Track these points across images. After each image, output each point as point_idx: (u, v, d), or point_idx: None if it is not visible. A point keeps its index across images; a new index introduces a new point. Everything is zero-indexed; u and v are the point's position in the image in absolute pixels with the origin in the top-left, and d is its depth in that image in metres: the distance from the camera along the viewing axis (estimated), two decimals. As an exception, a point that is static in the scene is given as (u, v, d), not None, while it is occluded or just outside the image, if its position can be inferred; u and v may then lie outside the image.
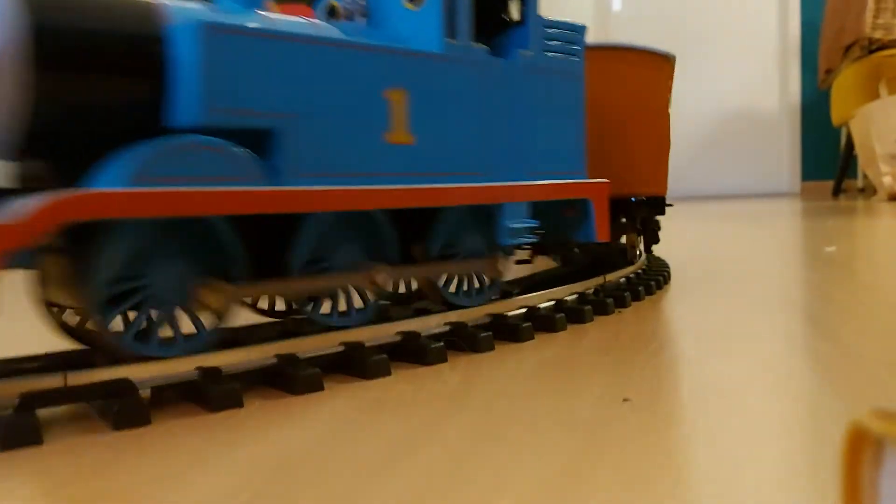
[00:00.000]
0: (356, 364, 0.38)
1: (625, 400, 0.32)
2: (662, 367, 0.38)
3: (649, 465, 0.25)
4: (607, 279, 0.60)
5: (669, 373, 0.37)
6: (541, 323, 0.48)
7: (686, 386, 0.35)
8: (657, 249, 1.02)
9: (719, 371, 0.37)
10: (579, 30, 0.51)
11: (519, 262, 0.61)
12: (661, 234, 0.73)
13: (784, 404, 0.31)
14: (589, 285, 0.57)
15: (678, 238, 1.22)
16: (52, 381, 0.31)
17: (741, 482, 0.23)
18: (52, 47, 0.31)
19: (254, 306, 0.45)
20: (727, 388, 0.34)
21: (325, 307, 0.40)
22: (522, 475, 0.24)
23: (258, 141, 0.36)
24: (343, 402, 0.34)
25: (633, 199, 0.65)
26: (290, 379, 0.35)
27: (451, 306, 0.45)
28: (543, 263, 0.88)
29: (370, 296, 0.41)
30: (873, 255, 0.87)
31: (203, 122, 0.34)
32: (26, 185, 0.34)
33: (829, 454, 0.25)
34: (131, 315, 0.34)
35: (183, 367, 0.34)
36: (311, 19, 0.42)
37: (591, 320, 0.50)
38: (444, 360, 0.40)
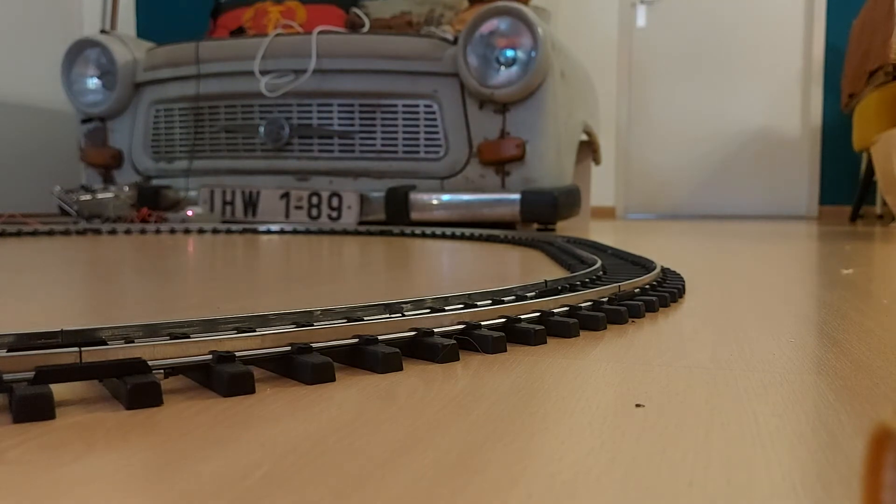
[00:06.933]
0: (369, 357, 0.38)
1: (637, 406, 0.32)
2: (676, 376, 0.38)
3: (662, 465, 0.25)
4: (622, 288, 0.59)
5: (683, 382, 0.37)
6: (554, 328, 0.48)
7: (700, 395, 0.34)
8: (672, 263, 1.02)
9: (734, 382, 0.37)
10: None
11: None
12: (676, 249, 0.73)
13: (798, 416, 0.31)
14: (604, 293, 0.57)
15: (694, 254, 1.22)
16: (67, 358, 0.31)
17: (755, 486, 0.23)
18: None
19: None
20: (742, 399, 0.33)
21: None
22: (533, 471, 0.24)
23: None
24: (354, 393, 0.34)
25: None
26: (302, 368, 0.35)
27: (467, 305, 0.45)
28: (556, 271, 0.88)
29: None
30: (891, 279, 0.86)
31: None
32: None
33: (842, 467, 0.25)
34: None
35: (197, 350, 0.34)
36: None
37: (605, 328, 0.50)
38: (457, 358, 0.40)
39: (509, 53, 1.99)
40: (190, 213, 2.10)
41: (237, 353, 0.35)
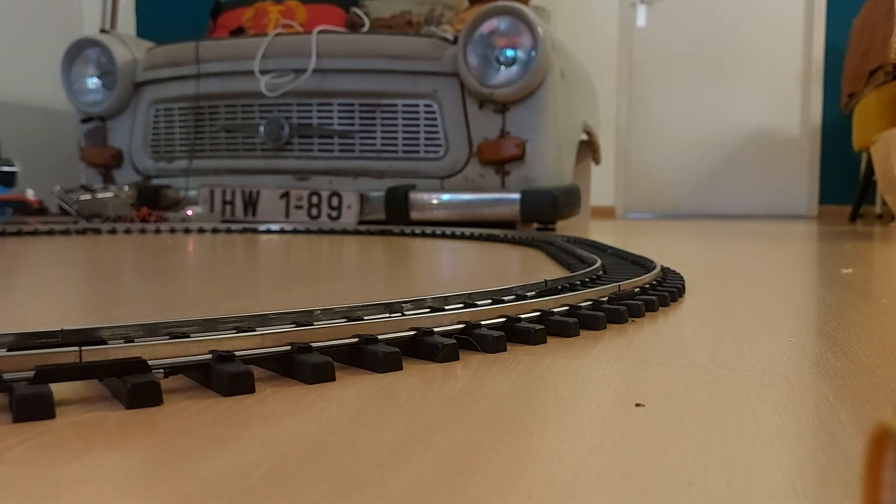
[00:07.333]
0: (369, 357, 0.38)
1: (637, 405, 0.32)
2: (676, 376, 0.38)
3: (662, 464, 0.25)
4: (622, 287, 0.59)
5: (683, 381, 0.37)
6: (554, 327, 0.48)
7: (700, 395, 0.34)
8: (672, 263, 1.02)
9: (734, 382, 0.37)
10: None
11: None
12: (676, 249, 0.73)
13: (798, 416, 0.31)
14: (603, 293, 0.57)
15: (693, 253, 1.22)
16: (67, 357, 0.31)
17: (755, 485, 0.23)
18: None
19: None
20: (742, 399, 0.33)
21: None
22: (533, 471, 0.24)
23: None
24: (354, 393, 0.34)
25: None
26: (302, 367, 0.35)
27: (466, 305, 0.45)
28: (555, 270, 0.88)
29: None
30: (890, 279, 0.86)
31: None
32: None
33: (842, 466, 0.25)
34: None
35: (197, 349, 0.34)
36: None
37: (605, 327, 0.50)
38: (457, 358, 0.40)
39: (509, 53, 1.99)
40: (190, 212, 2.10)
41: (237, 353, 0.35)
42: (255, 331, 0.36)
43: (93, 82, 2.41)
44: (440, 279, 0.82)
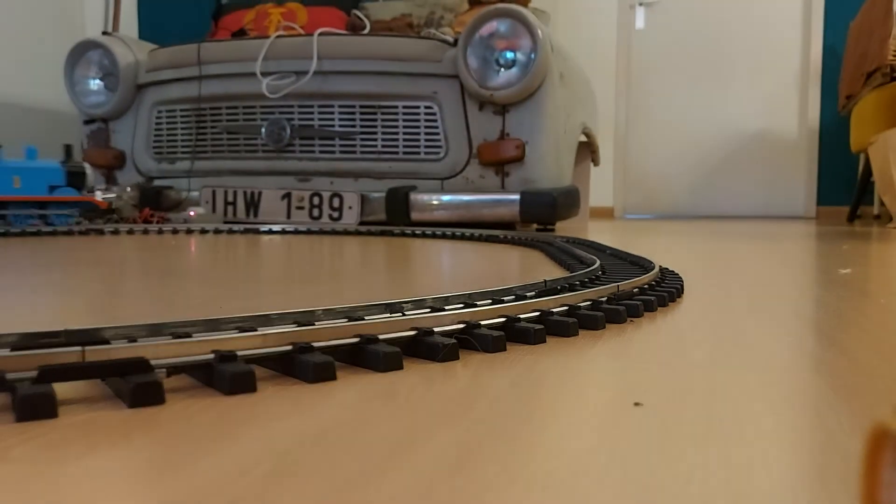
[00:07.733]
0: (370, 356, 0.38)
1: (636, 404, 0.32)
2: (674, 375, 0.38)
3: (660, 463, 0.25)
4: (621, 288, 0.60)
5: (681, 381, 0.37)
6: (553, 327, 0.48)
7: (698, 394, 0.34)
8: (670, 263, 1.02)
9: (732, 381, 0.37)
10: None
11: None
12: (675, 249, 0.73)
13: (796, 414, 0.31)
14: (602, 293, 0.57)
15: (692, 254, 1.22)
16: (69, 357, 0.32)
17: (753, 485, 0.23)
18: None
19: None
20: (740, 398, 0.34)
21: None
22: (532, 469, 0.24)
23: None
24: (355, 392, 0.34)
25: None
26: (304, 367, 0.35)
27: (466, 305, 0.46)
28: (554, 270, 0.88)
29: None
30: (888, 278, 0.87)
31: None
32: None
33: (841, 466, 0.25)
34: None
35: (199, 349, 0.34)
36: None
37: (604, 327, 0.50)
38: (457, 357, 0.40)
39: (509, 55, 1.99)
40: (192, 213, 2.10)
41: (239, 353, 0.35)
42: (256, 331, 0.37)
43: (95, 84, 2.42)
44: (440, 279, 0.82)
